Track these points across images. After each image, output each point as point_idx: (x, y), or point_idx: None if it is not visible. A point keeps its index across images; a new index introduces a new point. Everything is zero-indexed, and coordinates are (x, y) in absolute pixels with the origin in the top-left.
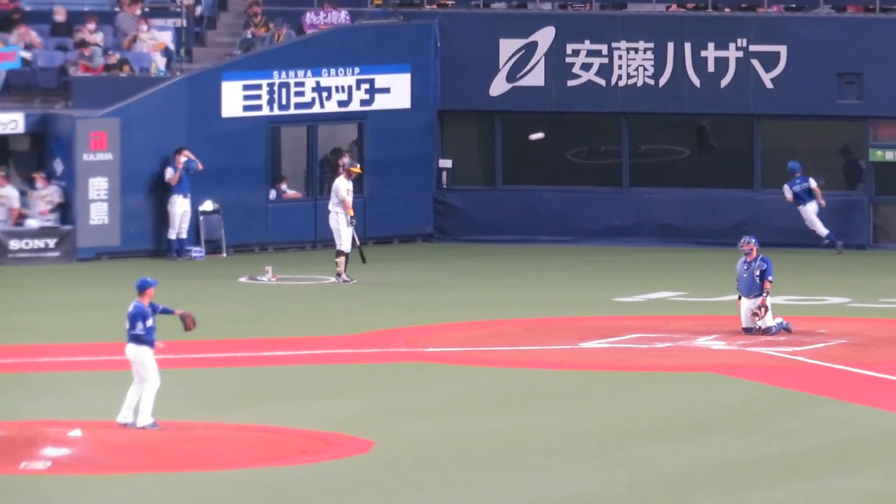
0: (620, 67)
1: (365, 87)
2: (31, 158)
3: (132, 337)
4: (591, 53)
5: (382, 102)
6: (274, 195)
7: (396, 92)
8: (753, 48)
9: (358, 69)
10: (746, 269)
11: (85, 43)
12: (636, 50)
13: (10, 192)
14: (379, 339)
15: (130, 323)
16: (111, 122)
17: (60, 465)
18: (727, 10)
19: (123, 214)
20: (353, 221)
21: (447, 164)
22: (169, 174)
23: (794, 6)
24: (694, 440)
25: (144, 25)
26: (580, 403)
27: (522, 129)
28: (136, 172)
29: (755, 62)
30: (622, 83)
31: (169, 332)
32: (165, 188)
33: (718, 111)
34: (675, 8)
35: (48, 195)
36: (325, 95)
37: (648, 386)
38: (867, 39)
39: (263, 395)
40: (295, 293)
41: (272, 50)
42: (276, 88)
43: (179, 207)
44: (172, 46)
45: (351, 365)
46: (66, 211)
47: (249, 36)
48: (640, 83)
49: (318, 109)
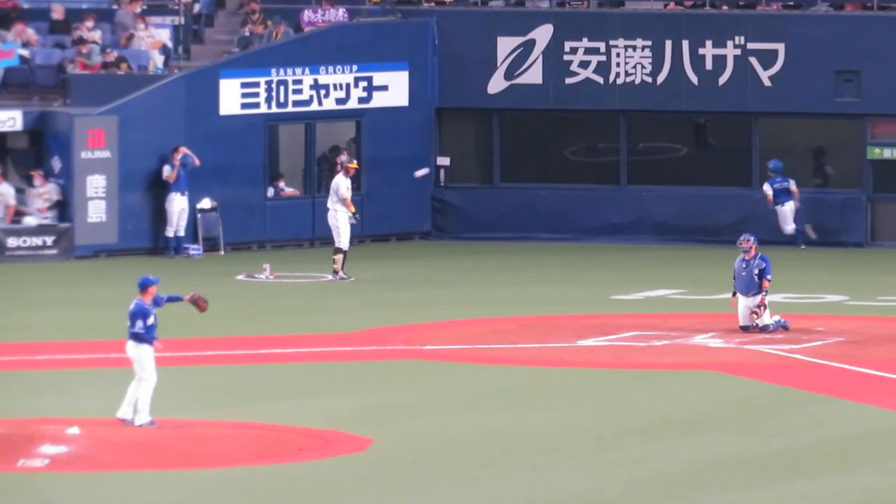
0: (618, 65)
1: (363, 84)
2: (29, 156)
3: (132, 335)
4: (588, 51)
5: (380, 100)
6: (272, 193)
7: (394, 90)
8: (751, 46)
9: (356, 67)
10: (745, 267)
11: (83, 41)
12: (634, 48)
13: (6, 189)
14: (377, 336)
15: (131, 321)
16: (109, 119)
17: (58, 462)
18: (725, 7)
19: (121, 212)
20: (356, 218)
21: (445, 161)
22: (167, 172)
23: (791, 4)
24: (692, 438)
25: (142, 24)
26: (578, 401)
27: (520, 126)
28: (133, 170)
29: (753, 60)
30: (620, 81)
31: (169, 330)
32: (163, 186)
33: (716, 109)
34: (672, 6)
35: (46, 193)
36: (322, 93)
37: (646, 384)
38: (865, 37)
39: (261, 392)
40: (293, 291)
41: (270, 48)
42: (273, 86)
43: (177, 205)
44: (170, 44)
45: (349, 363)
46: (63, 209)
47: (247, 34)
48: (637, 81)
49: (315, 107)
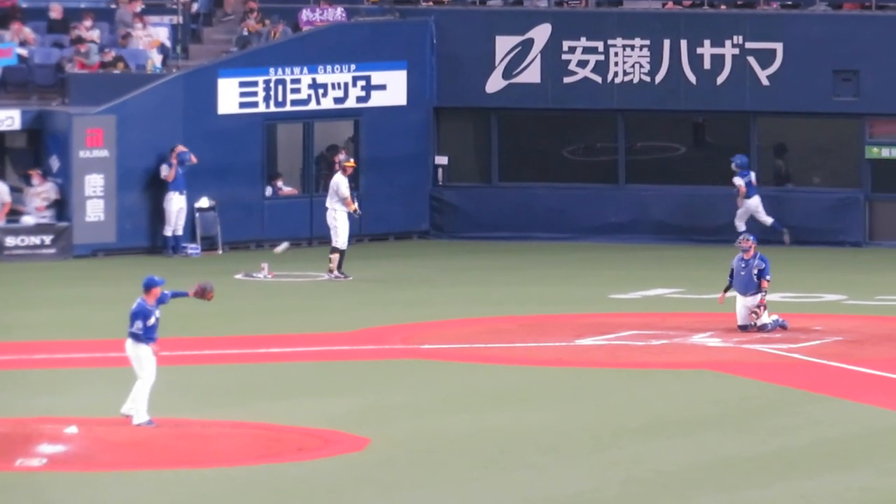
0: (616, 64)
1: (361, 83)
2: (27, 155)
3: (131, 334)
4: (587, 50)
5: (378, 99)
6: (270, 192)
7: (393, 89)
8: (749, 45)
9: (354, 66)
10: (744, 266)
11: (81, 40)
12: (632, 47)
13: (0, 187)
14: (375, 336)
15: (131, 320)
16: (107, 118)
17: (56, 462)
18: (723, 7)
19: (119, 211)
20: (359, 213)
21: (443, 160)
22: (165, 171)
23: (790, 3)
24: (690, 437)
25: (140, 23)
26: (576, 400)
27: (519, 126)
28: (132, 169)
29: (751, 59)
30: (618, 80)
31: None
32: (161, 185)
33: (714, 108)
34: (671, 5)
35: (44, 192)
36: (321, 92)
37: (644, 383)
38: (863, 37)
39: (260, 392)
40: (291, 290)
41: (268, 47)
42: (272, 85)
43: (175, 204)
44: (168, 43)
45: (347, 362)
46: (62, 208)
47: (246, 33)
48: (636, 80)
49: (314, 106)
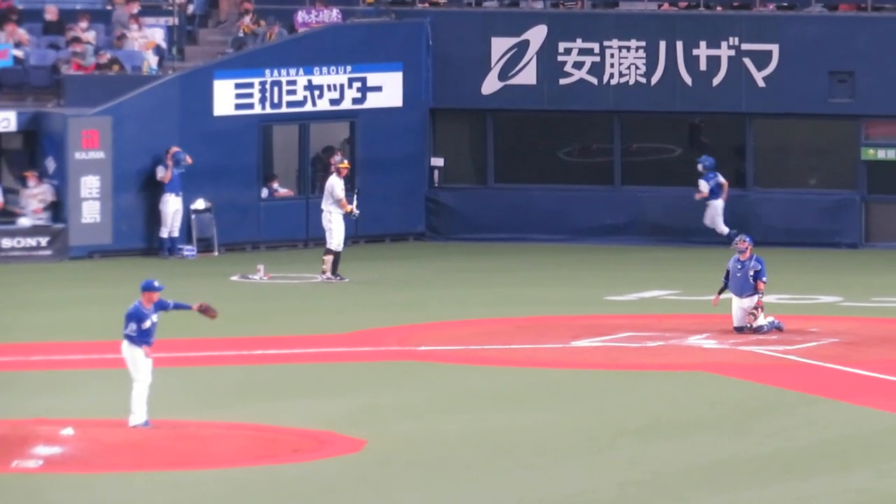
0: (612, 66)
1: (357, 85)
2: (22, 157)
3: (125, 336)
4: (582, 52)
5: (374, 101)
6: (266, 194)
7: (388, 90)
8: (745, 47)
9: (350, 67)
10: (740, 268)
11: (78, 39)
12: (628, 48)
13: None
14: (371, 337)
15: (125, 322)
16: (103, 120)
17: (52, 463)
18: (719, 8)
19: (115, 213)
20: (355, 214)
21: (439, 162)
22: (160, 172)
23: (786, 5)
24: (686, 439)
25: (135, 25)
26: (572, 402)
27: (514, 127)
28: (127, 171)
29: (747, 61)
30: (614, 82)
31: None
32: (157, 186)
33: (710, 110)
34: (667, 6)
35: (41, 194)
36: (316, 94)
37: (640, 385)
38: (859, 38)
39: (255, 393)
40: (286, 292)
41: (264, 48)
42: (268, 87)
43: (171, 206)
44: (164, 45)
45: (343, 363)
46: (57, 209)
47: (242, 34)
48: (632, 82)
49: (309, 108)
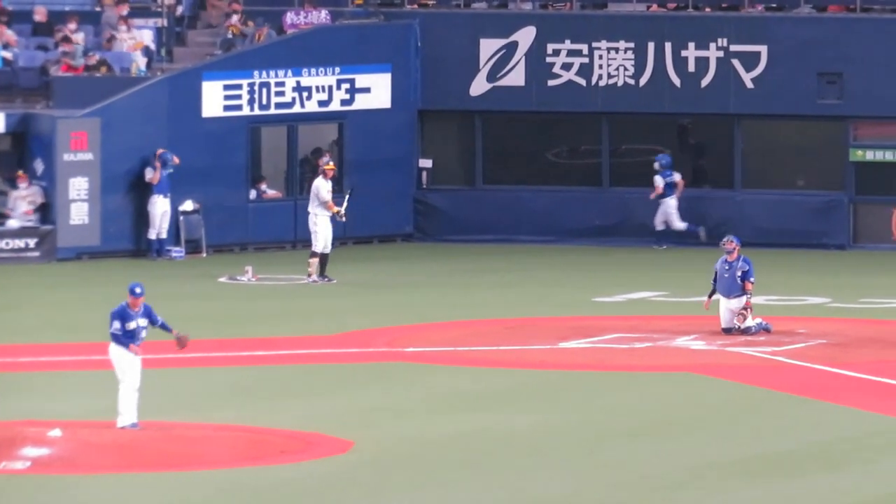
0: (601, 67)
1: (345, 86)
2: (11, 158)
3: (111, 335)
4: (571, 53)
5: (363, 102)
6: (254, 195)
7: (377, 92)
8: (734, 48)
9: (338, 69)
10: (728, 269)
11: (67, 39)
12: (617, 50)
13: None
14: (359, 339)
15: (110, 321)
16: (92, 121)
17: (40, 464)
18: (708, 9)
19: (104, 214)
20: (342, 216)
21: (427, 163)
22: (149, 174)
23: (774, 6)
24: (674, 440)
25: (124, 26)
26: (561, 403)
27: (503, 128)
28: (116, 172)
29: (735, 62)
30: (603, 83)
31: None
32: (146, 188)
33: (699, 111)
34: (655, 8)
35: (30, 195)
36: (305, 95)
37: (628, 386)
38: (847, 39)
39: (243, 395)
40: (275, 293)
41: (252, 50)
42: (256, 88)
43: (160, 207)
44: (153, 46)
45: (331, 365)
46: (46, 211)
47: (230, 35)
48: (620, 83)
49: (298, 109)
